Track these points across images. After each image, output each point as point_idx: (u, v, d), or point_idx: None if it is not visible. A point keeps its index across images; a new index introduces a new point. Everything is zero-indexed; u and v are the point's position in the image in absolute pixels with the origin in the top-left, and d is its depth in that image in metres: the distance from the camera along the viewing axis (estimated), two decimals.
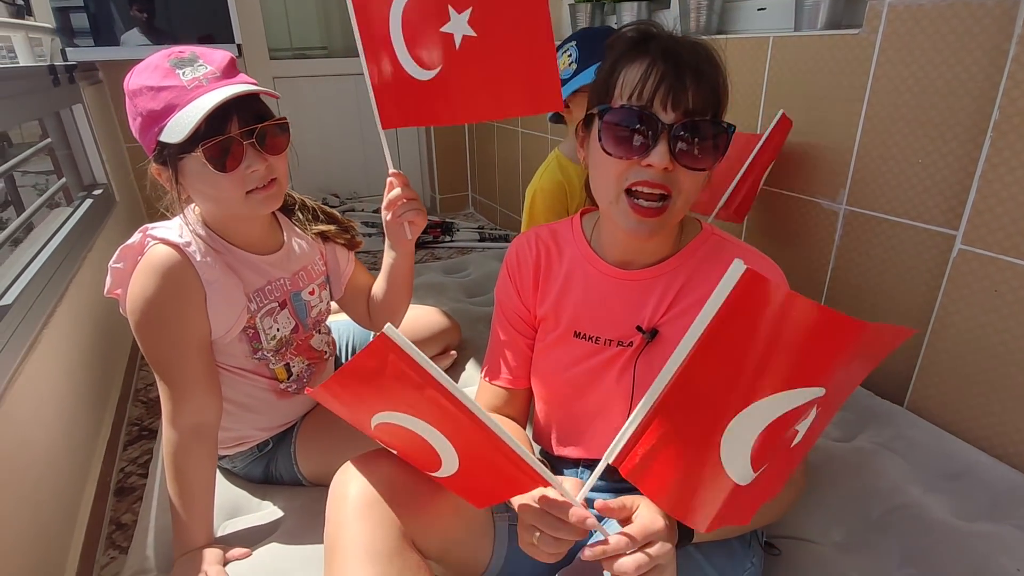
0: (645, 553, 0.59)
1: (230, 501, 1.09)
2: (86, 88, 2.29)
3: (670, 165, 0.68)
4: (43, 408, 1.21)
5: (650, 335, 0.79)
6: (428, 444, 0.63)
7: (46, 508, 1.13)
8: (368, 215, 3.40)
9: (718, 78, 0.71)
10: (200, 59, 0.89)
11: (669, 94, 0.68)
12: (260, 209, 0.95)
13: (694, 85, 0.68)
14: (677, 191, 0.70)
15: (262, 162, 0.91)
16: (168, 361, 0.93)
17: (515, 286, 0.90)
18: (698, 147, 0.68)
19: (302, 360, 1.12)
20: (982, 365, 1.18)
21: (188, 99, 0.85)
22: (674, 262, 0.79)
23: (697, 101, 0.68)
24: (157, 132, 0.87)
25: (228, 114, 0.87)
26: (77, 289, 1.57)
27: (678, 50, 0.69)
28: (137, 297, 0.91)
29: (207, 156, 0.86)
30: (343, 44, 3.56)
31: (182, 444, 0.93)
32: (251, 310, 1.01)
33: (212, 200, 0.94)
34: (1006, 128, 1.05)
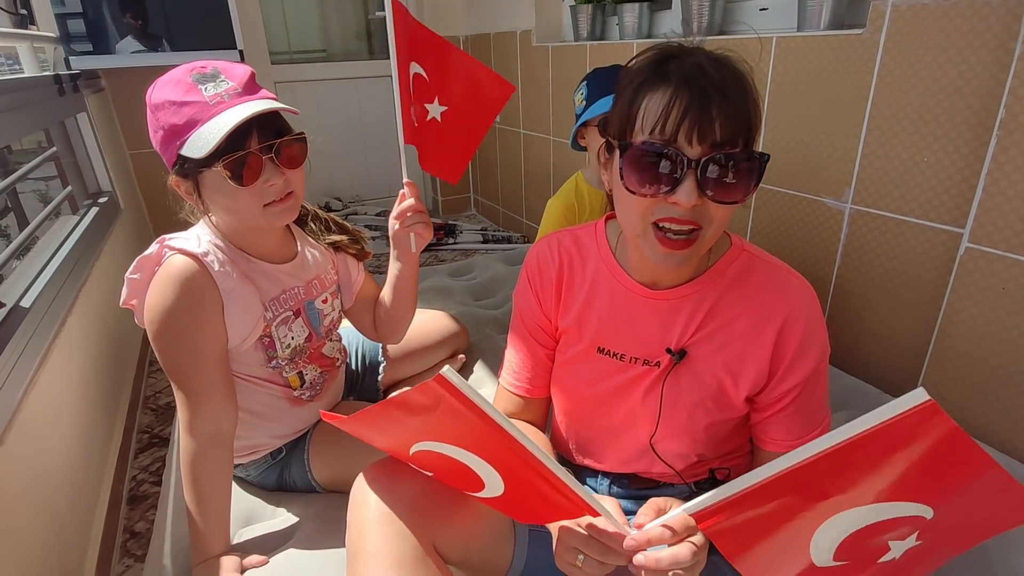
0: (690, 542, 0.59)
1: (245, 508, 1.10)
2: (89, 96, 2.30)
3: (699, 201, 0.63)
4: (58, 417, 1.22)
5: (679, 356, 0.76)
6: (471, 471, 0.62)
7: (63, 516, 1.14)
8: (371, 218, 3.40)
9: (747, 102, 0.65)
10: (222, 74, 0.90)
11: (694, 127, 0.62)
12: (277, 221, 0.96)
13: (721, 115, 0.62)
14: (707, 223, 0.66)
15: (279, 176, 0.92)
16: (186, 370, 0.94)
17: (536, 295, 0.87)
18: (728, 181, 0.63)
19: (315, 368, 1.13)
20: (990, 362, 1.18)
21: (210, 115, 0.86)
22: (703, 281, 0.76)
23: (725, 132, 0.62)
24: (179, 146, 0.88)
25: (248, 129, 0.88)
26: (86, 297, 1.57)
27: (702, 74, 0.63)
28: (155, 307, 0.92)
29: (227, 171, 0.88)
30: (342, 47, 3.57)
31: (199, 452, 0.94)
32: (267, 319, 1.02)
33: (230, 212, 0.96)
34: (1012, 127, 1.06)
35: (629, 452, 0.85)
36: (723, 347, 0.76)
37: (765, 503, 0.53)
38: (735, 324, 0.76)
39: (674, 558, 0.59)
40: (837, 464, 0.47)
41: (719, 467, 0.85)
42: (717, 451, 0.83)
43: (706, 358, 0.77)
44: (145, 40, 2.55)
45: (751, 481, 0.52)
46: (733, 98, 0.63)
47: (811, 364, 0.74)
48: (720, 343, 0.76)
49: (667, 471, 0.83)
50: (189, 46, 2.58)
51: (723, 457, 0.85)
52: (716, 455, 0.84)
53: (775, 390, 0.76)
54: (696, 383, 0.78)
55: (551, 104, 2.67)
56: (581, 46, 2.38)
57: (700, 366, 0.77)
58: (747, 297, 0.76)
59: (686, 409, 0.78)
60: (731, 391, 0.77)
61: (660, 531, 0.59)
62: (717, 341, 0.76)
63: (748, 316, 0.75)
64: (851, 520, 0.51)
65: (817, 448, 0.46)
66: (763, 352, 0.74)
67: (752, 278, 0.77)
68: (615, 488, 0.89)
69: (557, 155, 2.72)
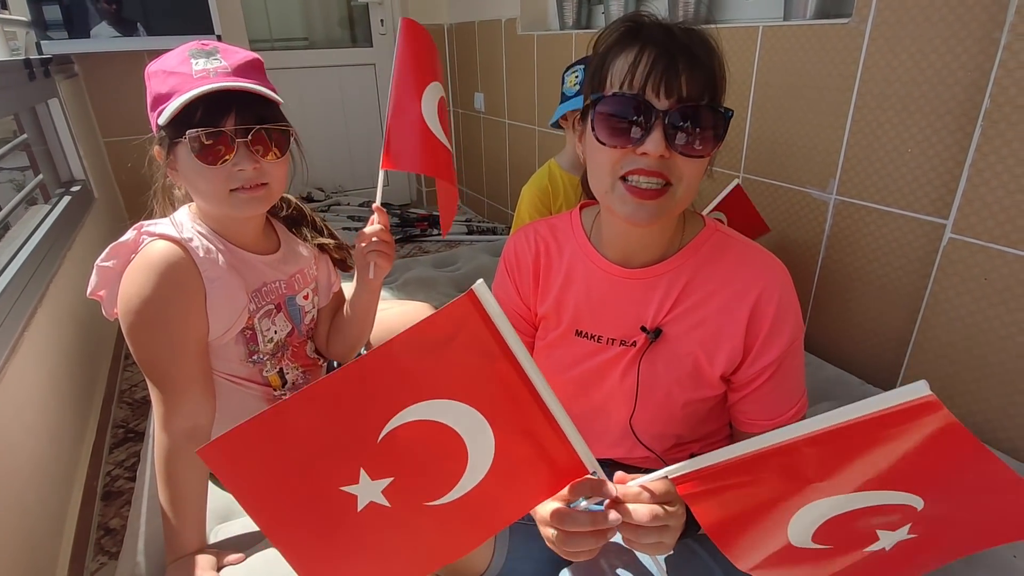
0: (662, 507, 0.58)
1: (222, 505, 1.07)
2: (62, 82, 2.23)
3: (666, 153, 0.66)
4: (26, 412, 1.18)
5: (654, 335, 0.77)
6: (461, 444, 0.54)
7: (33, 514, 1.10)
8: (354, 209, 3.36)
9: (713, 62, 0.68)
10: (219, 54, 0.89)
11: (662, 80, 0.65)
12: (243, 209, 0.93)
13: (688, 70, 0.65)
14: (677, 179, 0.68)
15: (251, 163, 0.89)
16: (163, 364, 0.90)
17: (514, 284, 0.88)
18: (695, 134, 0.66)
19: (297, 367, 1.10)
20: (972, 352, 1.19)
21: (189, 87, 0.85)
22: (677, 260, 0.77)
23: (692, 86, 0.66)
24: (157, 115, 0.88)
25: (226, 109, 0.86)
26: (57, 289, 1.53)
27: (670, 35, 0.67)
28: (133, 297, 0.88)
29: (192, 144, 0.86)
30: (325, 35, 3.51)
31: (174, 448, 0.90)
32: (250, 310, 0.99)
33: (198, 192, 0.93)
34: (997, 117, 1.06)
35: (610, 435, 0.85)
36: (698, 325, 0.77)
37: (746, 476, 0.52)
38: (709, 302, 0.76)
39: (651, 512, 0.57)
40: (825, 448, 0.46)
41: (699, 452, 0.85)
42: (695, 433, 0.84)
43: (681, 336, 0.78)
44: (120, 26, 2.48)
45: (735, 453, 0.51)
46: (699, 55, 0.66)
47: (785, 341, 0.75)
48: (695, 321, 0.77)
49: (648, 455, 0.84)
50: (165, 31, 2.52)
51: (702, 441, 0.85)
52: (694, 437, 0.84)
53: (750, 368, 0.76)
54: (672, 361, 0.78)
55: (536, 94, 2.64)
56: (567, 35, 2.35)
57: (676, 344, 0.78)
58: (720, 275, 0.77)
59: (663, 388, 0.79)
60: (706, 368, 0.78)
61: (637, 491, 0.59)
62: (692, 319, 0.77)
63: (722, 294, 0.76)
64: (832, 505, 0.50)
65: (806, 428, 0.45)
66: (737, 329, 0.75)
67: (725, 256, 0.77)
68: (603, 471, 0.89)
69: (543, 145, 2.69)
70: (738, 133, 1.63)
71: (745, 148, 1.63)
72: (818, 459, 0.47)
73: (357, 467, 0.53)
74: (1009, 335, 1.12)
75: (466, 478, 0.56)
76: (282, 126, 0.93)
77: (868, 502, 0.49)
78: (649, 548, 0.59)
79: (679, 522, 0.60)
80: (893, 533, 0.52)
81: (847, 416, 0.43)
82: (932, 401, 0.39)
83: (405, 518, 0.56)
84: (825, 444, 0.45)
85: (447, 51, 3.40)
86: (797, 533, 0.54)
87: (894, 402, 0.40)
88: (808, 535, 0.54)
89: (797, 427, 0.46)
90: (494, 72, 2.96)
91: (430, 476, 0.56)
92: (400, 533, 0.57)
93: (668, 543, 0.60)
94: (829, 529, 0.53)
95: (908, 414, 0.40)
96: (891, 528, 0.52)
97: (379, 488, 0.54)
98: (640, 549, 0.60)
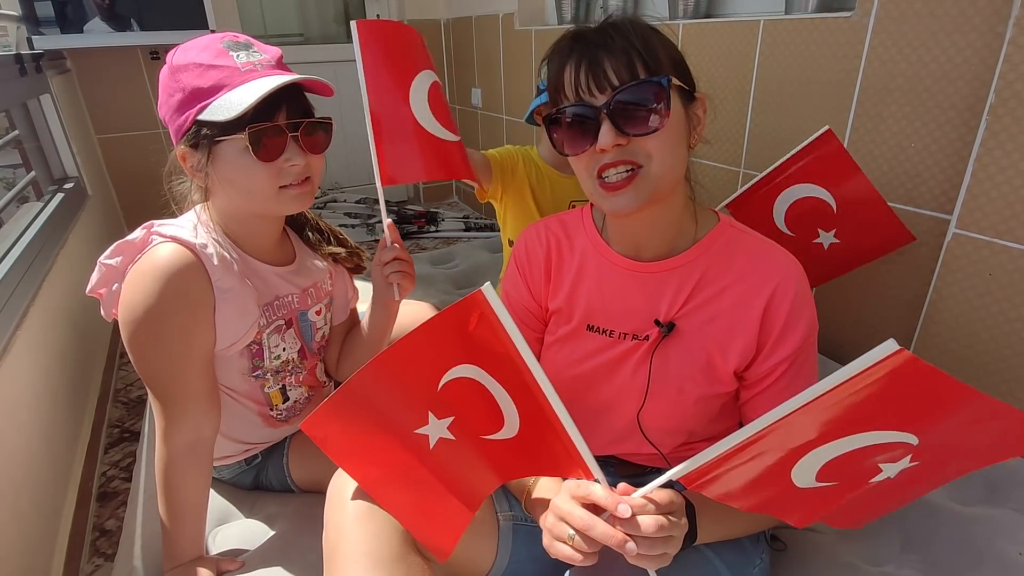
0: (667, 518, 0.58)
1: (220, 508, 1.05)
2: (54, 78, 2.21)
3: (622, 141, 0.67)
4: (19, 412, 1.16)
5: (667, 329, 0.76)
6: (496, 403, 0.63)
7: (27, 515, 1.09)
8: (350, 206, 3.34)
9: (633, 40, 0.68)
10: (254, 47, 0.86)
11: (589, 77, 0.68)
12: (291, 206, 0.90)
13: (611, 59, 0.67)
14: (645, 159, 0.69)
15: (302, 157, 0.86)
16: (165, 377, 0.86)
17: (524, 279, 0.87)
18: (638, 113, 0.67)
19: (302, 389, 1.07)
20: (976, 348, 1.18)
21: (240, 81, 0.81)
22: (690, 254, 0.77)
23: (619, 72, 0.67)
24: (199, 110, 0.81)
25: (278, 104, 0.83)
26: (50, 287, 1.51)
27: (582, 34, 0.69)
28: (136, 304, 0.82)
29: (252, 140, 0.81)
30: (320, 31, 3.48)
31: (175, 461, 0.87)
32: (260, 325, 0.95)
33: (242, 191, 0.87)
34: (1002, 112, 1.05)
35: (617, 430, 0.84)
36: (711, 320, 0.76)
37: (745, 457, 0.54)
38: (723, 297, 0.76)
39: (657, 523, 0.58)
40: (813, 416, 0.48)
41: None
42: (705, 432, 0.83)
43: (694, 331, 0.77)
44: (114, 21, 2.46)
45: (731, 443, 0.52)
46: (618, 40, 0.68)
47: (799, 337, 0.74)
48: (708, 316, 0.77)
49: (654, 453, 0.83)
50: (158, 26, 2.49)
51: (710, 440, 0.83)
52: (704, 436, 0.83)
53: (763, 364, 0.76)
54: (685, 356, 0.78)
55: (534, 89, 2.62)
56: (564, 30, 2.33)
57: (689, 339, 0.77)
58: (735, 270, 0.76)
59: (675, 383, 0.78)
60: (719, 364, 0.77)
61: (643, 502, 0.59)
62: (705, 314, 0.77)
63: (736, 289, 0.76)
64: (831, 450, 0.52)
65: (791, 406, 0.47)
66: (751, 325, 0.75)
67: (740, 252, 0.77)
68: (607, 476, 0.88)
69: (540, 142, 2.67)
70: (739, 128, 1.62)
71: (746, 143, 1.62)
72: (810, 424, 0.50)
73: (425, 411, 0.64)
74: (1013, 331, 1.12)
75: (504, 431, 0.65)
76: (326, 119, 0.90)
77: (864, 442, 0.51)
78: (653, 560, 0.59)
79: (682, 532, 0.60)
80: (895, 464, 0.54)
81: (828, 385, 0.45)
82: (901, 352, 0.42)
83: (468, 448, 0.67)
84: (812, 412, 0.48)
85: (444, 47, 3.38)
86: (800, 478, 0.56)
87: (868, 362, 0.43)
88: (812, 477, 0.56)
89: (783, 407, 0.48)
90: (491, 68, 2.94)
91: (482, 418, 0.65)
92: (466, 460, 0.68)
93: (671, 553, 0.60)
94: (832, 468, 0.55)
95: (882, 368, 0.43)
96: (893, 461, 0.54)
97: (445, 425, 0.65)
98: (644, 563, 0.59)
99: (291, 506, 1.05)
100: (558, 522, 0.62)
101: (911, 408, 0.48)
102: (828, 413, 0.48)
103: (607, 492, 0.60)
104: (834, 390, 0.45)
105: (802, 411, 0.47)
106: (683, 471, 0.57)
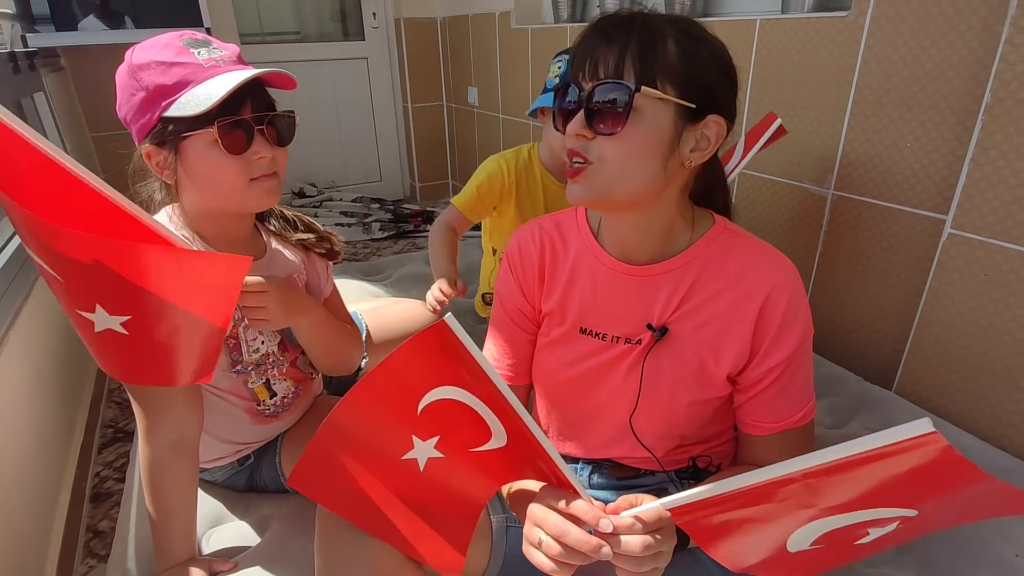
0: (653, 536, 0.58)
1: (214, 509, 1.05)
2: (48, 76, 2.19)
3: (587, 133, 0.67)
4: (11, 412, 1.16)
5: (660, 333, 0.76)
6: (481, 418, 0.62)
7: (19, 516, 1.08)
8: (346, 204, 3.33)
9: (635, 38, 0.66)
10: (214, 43, 0.87)
11: (586, 61, 0.67)
12: (261, 200, 0.90)
13: (614, 53, 0.66)
14: (596, 157, 0.68)
15: (269, 150, 0.87)
16: None
17: (517, 280, 0.86)
18: (603, 111, 0.66)
19: (288, 383, 1.06)
20: (971, 349, 1.18)
21: (204, 76, 0.82)
22: (684, 258, 0.76)
23: (608, 67, 0.66)
24: (164, 107, 0.82)
25: (243, 98, 0.84)
26: (43, 287, 1.50)
27: (612, 20, 0.68)
28: None
29: (221, 134, 0.82)
30: (316, 29, 3.47)
31: (159, 461, 0.87)
32: (235, 319, 0.95)
33: (211, 186, 0.88)
34: (998, 111, 1.05)
35: (610, 433, 0.84)
36: (705, 324, 0.75)
37: (745, 507, 0.52)
38: (717, 301, 0.75)
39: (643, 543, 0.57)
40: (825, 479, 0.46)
41: (700, 455, 0.83)
42: (699, 435, 0.82)
43: (688, 335, 0.76)
44: (108, 19, 2.44)
45: (733, 486, 0.50)
46: (621, 36, 0.66)
47: (794, 342, 0.73)
48: (702, 320, 0.76)
49: (647, 456, 0.82)
50: (153, 23, 2.48)
51: (704, 443, 0.84)
52: (697, 440, 0.83)
53: (757, 368, 0.75)
54: (677, 360, 0.77)
55: (531, 88, 2.62)
56: (561, 28, 2.33)
57: (682, 343, 0.77)
58: (729, 274, 0.75)
59: (667, 387, 0.77)
60: (712, 369, 0.76)
61: (631, 522, 0.58)
62: (699, 318, 0.76)
63: (730, 293, 0.74)
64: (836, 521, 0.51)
65: (806, 463, 0.45)
66: (745, 329, 0.74)
67: (734, 255, 0.76)
68: (595, 478, 0.88)
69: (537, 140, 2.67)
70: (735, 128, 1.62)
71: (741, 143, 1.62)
72: (819, 489, 0.47)
73: (409, 436, 0.62)
74: (1008, 331, 1.12)
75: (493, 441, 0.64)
76: (290, 112, 0.91)
77: (867, 517, 0.50)
78: None
79: (671, 546, 0.60)
80: (883, 529, 0.53)
81: (849, 452, 0.43)
82: (934, 437, 0.39)
83: (459, 462, 0.66)
84: (826, 476, 0.46)
85: (440, 45, 3.37)
86: (796, 545, 0.55)
87: (897, 438, 0.40)
88: (807, 543, 0.55)
89: (797, 461, 0.46)
90: (488, 66, 2.93)
91: (468, 432, 0.63)
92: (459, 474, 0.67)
93: (661, 567, 0.60)
94: (828, 536, 0.53)
95: (909, 447, 0.41)
96: (883, 527, 0.53)
97: (431, 445, 0.63)
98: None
99: (285, 507, 1.05)
100: (532, 527, 0.62)
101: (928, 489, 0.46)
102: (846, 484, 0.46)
103: (588, 506, 0.60)
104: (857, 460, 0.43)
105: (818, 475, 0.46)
106: (677, 502, 0.56)
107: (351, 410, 0.60)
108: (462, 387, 0.59)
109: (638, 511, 0.59)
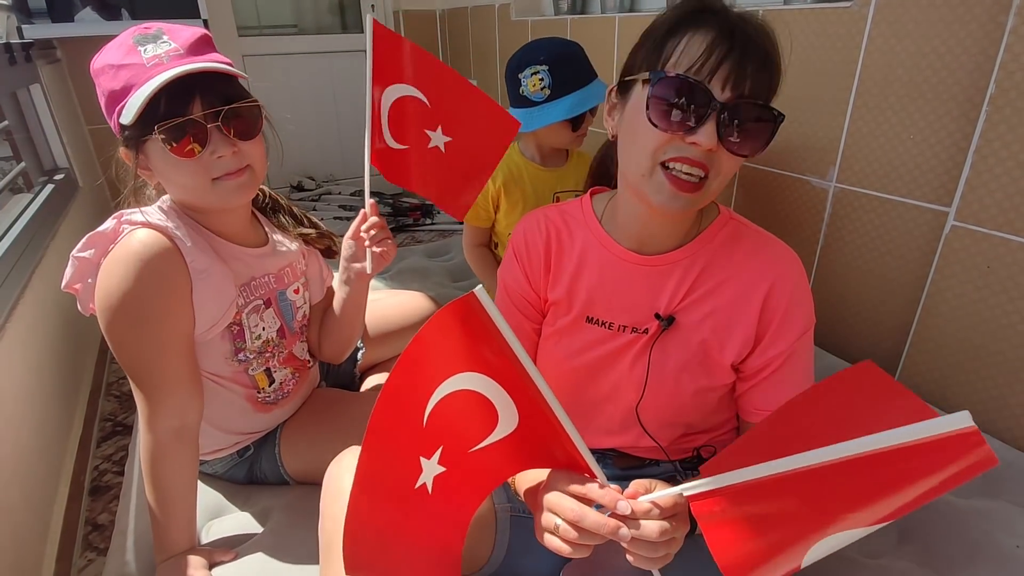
0: (668, 522, 0.58)
1: (213, 501, 1.05)
2: (44, 67, 2.18)
3: (715, 147, 0.64)
4: (9, 405, 1.15)
5: (667, 322, 0.76)
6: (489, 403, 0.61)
7: (18, 510, 1.07)
8: (345, 198, 3.32)
9: (776, 65, 0.67)
10: (165, 35, 0.83)
11: (731, 73, 0.63)
12: (231, 198, 0.88)
13: (756, 69, 0.64)
14: (715, 173, 0.66)
15: (229, 147, 0.84)
16: (146, 363, 0.85)
17: (523, 270, 0.86)
18: (747, 131, 0.65)
19: (287, 370, 1.06)
20: (973, 341, 1.18)
21: (145, 78, 0.79)
22: (693, 247, 0.76)
23: (755, 85, 0.64)
24: (118, 113, 0.81)
25: (190, 94, 0.80)
26: (40, 280, 1.49)
27: (745, 29, 0.64)
28: (113, 291, 0.82)
29: (165, 139, 0.79)
30: (314, 22, 3.45)
31: (160, 448, 0.87)
32: (239, 305, 0.95)
33: (180, 187, 0.87)
34: (1002, 103, 1.04)
35: (615, 422, 0.84)
36: (711, 312, 0.76)
37: (768, 502, 0.50)
38: (723, 289, 0.76)
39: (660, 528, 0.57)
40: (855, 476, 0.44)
41: (704, 444, 0.84)
42: (703, 424, 0.82)
43: (693, 324, 0.77)
44: (105, 11, 2.42)
45: (759, 473, 0.49)
46: (771, 55, 0.66)
47: (797, 331, 0.74)
48: (708, 308, 0.76)
49: (653, 446, 0.82)
50: (150, 15, 2.45)
51: (709, 432, 0.84)
52: (702, 429, 0.83)
53: (760, 357, 0.76)
54: (684, 349, 0.77)
55: None
56: (561, 20, 2.32)
57: (687, 332, 0.77)
58: (735, 263, 0.76)
59: (672, 375, 0.78)
60: (717, 357, 0.77)
61: (648, 506, 0.58)
62: (705, 306, 0.76)
63: (736, 281, 0.75)
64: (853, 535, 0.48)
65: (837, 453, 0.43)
66: (749, 318, 0.75)
67: (740, 245, 0.77)
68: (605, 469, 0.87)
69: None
70: None
71: None
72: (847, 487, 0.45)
73: (417, 458, 0.61)
74: (1011, 324, 1.11)
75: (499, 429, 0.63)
76: (250, 102, 0.87)
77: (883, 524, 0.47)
78: (655, 562, 0.59)
79: (684, 533, 0.60)
80: None
81: (882, 443, 0.41)
82: (973, 432, 0.38)
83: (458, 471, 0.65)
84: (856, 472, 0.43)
85: (439, 37, 3.35)
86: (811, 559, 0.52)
87: (934, 431, 0.39)
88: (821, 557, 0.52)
89: (828, 450, 0.44)
90: (487, 59, 2.92)
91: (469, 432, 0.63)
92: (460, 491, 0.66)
93: (672, 553, 0.59)
94: None
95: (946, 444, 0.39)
96: None
97: (435, 461, 0.62)
98: (646, 565, 0.59)
99: (285, 499, 1.04)
100: (548, 514, 0.62)
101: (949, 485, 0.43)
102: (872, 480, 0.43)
103: (606, 490, 0.60)
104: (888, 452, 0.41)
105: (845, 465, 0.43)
106: (699, 488, 0.55)
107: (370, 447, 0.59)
108: (476, 371, 0.58)
109: (655, 496, 0.59)
